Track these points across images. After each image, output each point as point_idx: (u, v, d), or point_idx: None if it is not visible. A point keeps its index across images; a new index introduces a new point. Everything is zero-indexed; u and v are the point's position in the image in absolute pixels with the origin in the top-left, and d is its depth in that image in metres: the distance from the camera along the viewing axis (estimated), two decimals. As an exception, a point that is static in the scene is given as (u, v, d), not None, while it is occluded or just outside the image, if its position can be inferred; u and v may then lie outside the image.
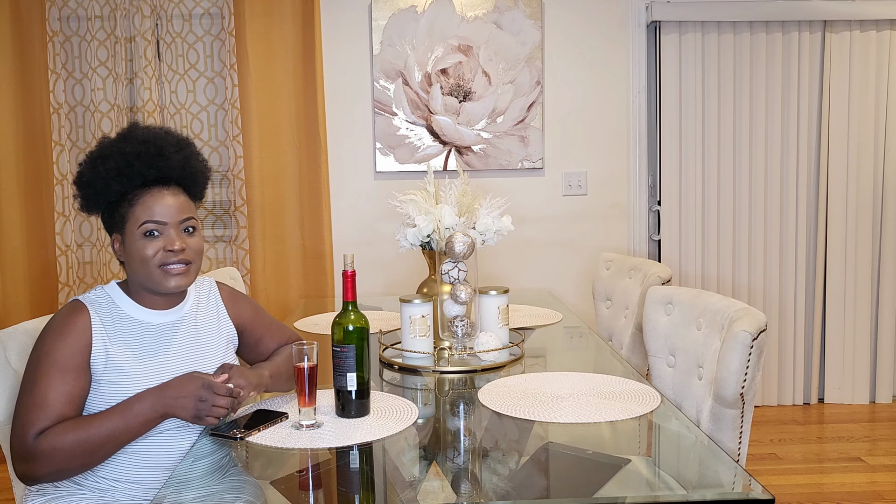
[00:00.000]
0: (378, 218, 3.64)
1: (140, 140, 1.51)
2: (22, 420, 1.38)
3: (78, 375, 1.42)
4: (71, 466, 1.38)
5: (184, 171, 1.54)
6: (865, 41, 3.64)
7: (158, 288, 1.50)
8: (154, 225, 1.47)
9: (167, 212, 1.48)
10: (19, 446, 1.37)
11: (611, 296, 2.77)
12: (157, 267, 1.47)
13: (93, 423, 1.39)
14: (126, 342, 1.49)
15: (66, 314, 1.47)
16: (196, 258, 1.52)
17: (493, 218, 2.05)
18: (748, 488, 1.18)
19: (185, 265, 1.49)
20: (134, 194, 1.49)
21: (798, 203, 3.70)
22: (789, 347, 3.77)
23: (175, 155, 1.52)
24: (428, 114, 3.59)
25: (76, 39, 3.49)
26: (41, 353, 1.43)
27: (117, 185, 1.48)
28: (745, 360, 1.59)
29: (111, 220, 1.52)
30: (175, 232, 1.49)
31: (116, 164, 1.48)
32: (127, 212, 1.48)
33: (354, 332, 1.51)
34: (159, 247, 1.47)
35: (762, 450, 3.24)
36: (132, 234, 1.48)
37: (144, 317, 1.53)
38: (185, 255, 1.49)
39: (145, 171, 1.48)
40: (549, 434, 1.44)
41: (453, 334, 1.94)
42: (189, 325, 1.58)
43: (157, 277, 1.48)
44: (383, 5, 3.54)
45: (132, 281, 1.53)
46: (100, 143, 1.54)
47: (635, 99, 3.68)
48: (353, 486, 1.28)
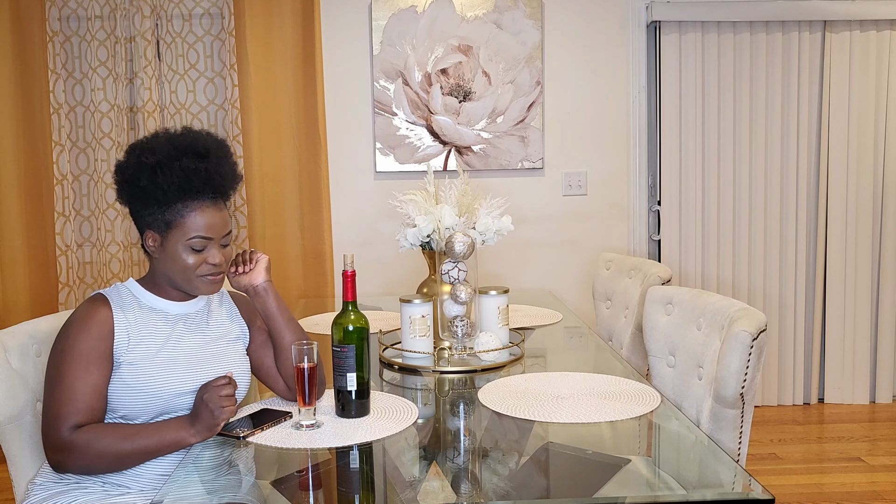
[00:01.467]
0: (378, 218, 3.64)
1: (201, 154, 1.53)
2: (54, 413, 1.43)
3: (102, 365, 1.46)
4: (99, 465, 1.44)
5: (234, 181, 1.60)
6: (865, 41, 3.64)
7: (193, 292, 1.57)
8: (202, 241, 1.52)
9: (216, 228, 1.53)
10: (53, 438, 1.42)
11: (611, 296, 2.77)
12: (196, 276, 1.53)
13: (128, 436, 1.44)
14: (148, 329, 1.53)
15: (88, 306, 1.50)
16: (227, 266, 1.60)
17: (493, 218, 2.05)
18: (748, 488, 1.18)
19: (220, 275, 1.56)
20: (184, 204, 1.51)
21: (798, 203, 3.70)
22: (789, 347, 3.77)
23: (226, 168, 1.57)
24: (428, 114, 3.59)
25: (76, 39, 3.49)
26: (66, 345, 1.46)
27: (176, 198, 1.50)
28: (745, 360, 1.59)
29: (151, 219, 1.53)
30: (217, 247, 1.55)
31: (178, 178, 1.49)
32: (175, 220, 1.51)
33: (354, 332, 1.51)
34: (202, 260, 1.53)
35: (762, 450, 3.24)
36: (177, 242, 1.51)
37: (165, 307, 1.58)
38: (221, 267, 1.56)
39: (203, 189, 1.52)
40: (549, 434, 1.44)
41: (453, 334, 1.94)
42: (205, 316, 1.63)
43: (193, 282, 1.54)
44: (383, 5, 3.54)
45: (159, 276, 1.57)
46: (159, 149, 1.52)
47: (635, 99, 3.68)
48: (353, 486, 1.28)
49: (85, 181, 3.53)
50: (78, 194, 3.53)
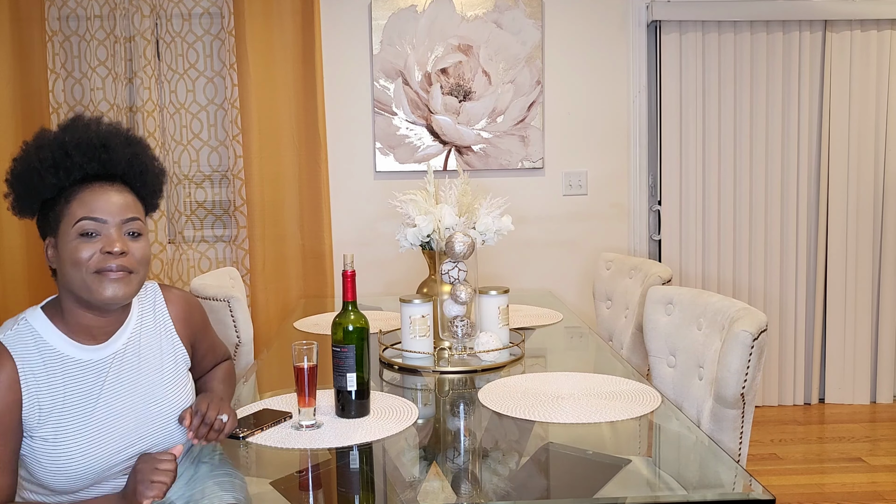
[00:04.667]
0: (378, 218, 3.64)
1: (82, 130, 1.31)
2: None
3: (8, 437, 1.21)
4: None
5: (131, 167, 1.33)
6: (866, 41, 3.64)
7: (92, 297, 1.26)
8: (92, 223, 1.25)
9: (108, 208, 1.27)
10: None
11: (611, 296, 2.76)
12: (91, 272, 1.24)
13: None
14: (57, 387, 1.26)
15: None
16: (139, 267, 1.30)
17: (493, 218, 2.05)
18: (749, 488, 1.18)
19: (125, 273, 1.27)
20: (72, 190, 1.28)
21: (798, 203, 3.70)
22: (790, 347, 3.76)
23: (122, 149, 1.32)
24: (428, 113, 3.59)
25: (75, 39, 3.49)
26: None
27: (53, 178, 1.27)
28: (746, 361, 1.59)
29: (45, 223, 1.31)
30: (116, 232, 1.27)
31: (52, 154, 1.27)
32: (62, 210, 1.27)
33: (354, 332, 1.51)
34: (96, 248, 1.25)
35: (763, 450, 3.24)
36: (66, 235, 1.26)
37: (76, 353, 1.29)
38: (126, 261, 1.26)
39: (85, 164, 1.28)
40: (550, 434, 1.43)
41: (453, 334, 1.94)
42: (131, 356, 1.36)
43: (92, 284, 1.24)
44: (383, 5, 3.54)
45: (64, 296, 1.30)
46: (37, 134, 1.32)
47: (635, 98, 3.68)
48: (353, 486, 1.28)
49: (84, 181, 3.53)
50: (77, 194, 3.52)
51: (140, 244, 1.30)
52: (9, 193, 1.31)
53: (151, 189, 1.39)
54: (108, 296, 1.25)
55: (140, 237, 1.31)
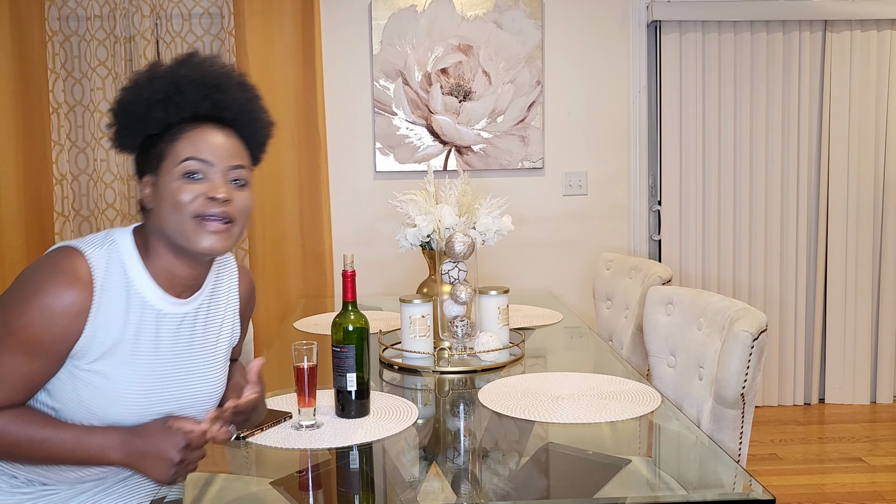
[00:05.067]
0: (378, 218, 3.64)
1: (197, 66, 1.24)
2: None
3: (49, 362, 1.15)
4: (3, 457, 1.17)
5: (242, 112, 1.27)
6: (866, 41, 3.64)
7: (188, 245, 1.19)
8: (198, 164, 1.18)
9: (216, 151, 1.20)
10: None
11: (611, 296, 2.76)
12: (191, 217, 1.17)
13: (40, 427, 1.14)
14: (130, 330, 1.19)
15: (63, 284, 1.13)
16: (241, 218, 1.22)
17: (493, 218, 2.05)
18: (749, 489, 1.18)
19: (226, 223, 1.20)
20: (179, 128, 1.21)
21: (799, 203, 3.70)
22: (790, 347, 3.76)
23: (236, 92, 1.26)
24: (428, 113, 3.59)
25: (75, 39, 3.49)
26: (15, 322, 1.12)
27: (161, 112, 1.20)
28: (746, 361, 1.59)
29: (145, 160, 1.24)
30: (221, 177, 1.20)
31: (164, 86, 1.20)
32: (167, 147, 1.20)
33: (354, 332, 1.51)
34: (199, 192, 1.18)
35: (763, 450, 3.23)
36: (168, 174, 1.18)
37: (158, 302, 1.22)
38: (229, 210, 1.19)
39: (198, 101, 1.21)
40: (550, 434, 1.43)
41: (453, 334, 1.94)
42: (201, 319, 1.30)
43: (189, 230, 1.18)
44: (383, 5, 3.54)
45: (154, 237, 1.23)
46: (150, 65, 1.26)
47: (636, 98, 3.68)
48: (353, 486, 1.28)
49: (84, 181, 3.53)
50: (77, 194, 3.53)
51: (244, 194, 1.24)
52: (112, 125, 1.26)
53: (259, 140, 1.32)
54: (205, 246, 1.18)
55: (245, 187, 1.24)
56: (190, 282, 1.26)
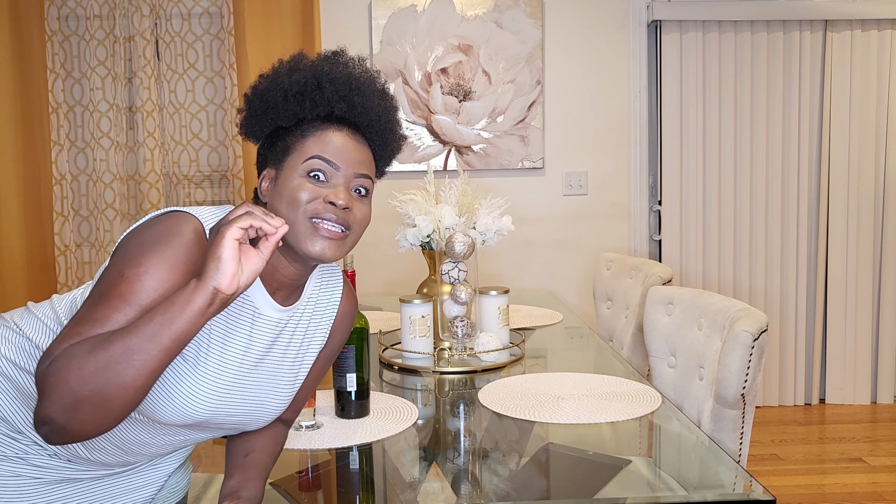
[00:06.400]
0: (378, 218, 3.62)
1: (342, 66, 1.19)
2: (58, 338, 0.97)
3: None
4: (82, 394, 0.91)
5: (378, 121, 1.21)
6: (866, 41, 3.63)
7: (298, 245, 1.10)
8: (323, 164, 1.12)
9: (345, 155, 1.14)
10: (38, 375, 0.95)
11: (611, 296, 2.76)
12: (307, 217, 1.10)
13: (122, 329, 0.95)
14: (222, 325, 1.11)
15: (194, 245, 1.05)
16: (357, 229, 1.15)
17: (493, 218, 2.05)
18: (749, 489, 1.18)
19: (342, 230, 1.11)
20: (311, 124, 1.15)
21: (799, 203, 3.69)
22: (790, 348, 3.76)
23: (375, 99, 1.20)
24: (428, 113, 3.59)
25: (75, 39, 3.49)
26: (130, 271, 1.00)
27: (296, 106, 1.15)
28: (746, 361, 1.59)
29: (269, 151, 1.18)
30: (345, 183, 1.13)
31: (304, 80, 1.16)
32: (295, 142, 1.14)
33: (354, 332, 1.51)
34: (320, 194, 1.11)
35: (763, 450, 3.23)
36: (291, 170, 1.12)
37: (261, 304, 1.15)
38: (347, 218, 1.11)
39: (335, 102, 1.15)
40: (550, 435, 1.43)
41: (453, 335, 1.94)
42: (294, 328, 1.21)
43: (302, 231, 1.10)
44: (383, 4, 3.54)
45: None
46: (294, 56, 1.23)
47: (636, 98, 3.67)
48: (353, 486, 1.28)
49: (84, 181, 3.53)
50: (77, 194, 3.52)
51: (364, 205, 1.16)
52: (243, 110, 1.21)
53: (388, 152, 1.27)
54: (316, 251, 1.10)
55: (366, 197, 1.17)
56: (289, 282, 1.17)
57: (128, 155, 3.51)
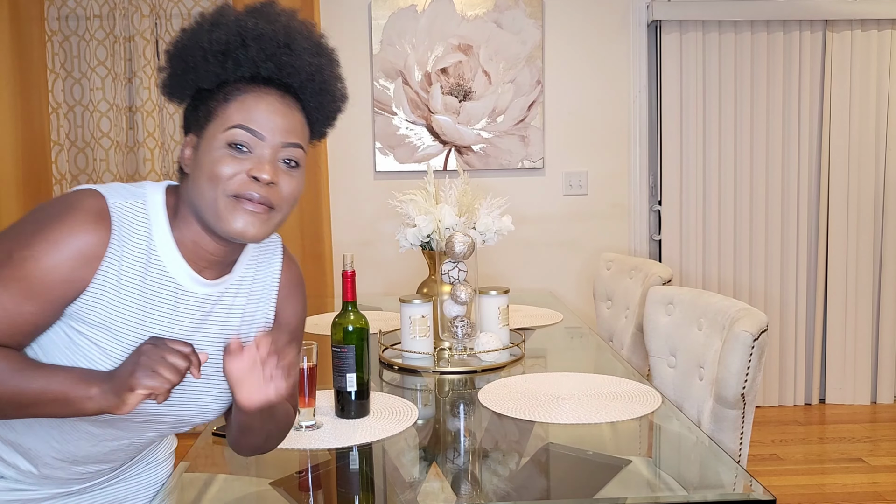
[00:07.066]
0: (378, 218, 3.63)
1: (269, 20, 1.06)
2: None
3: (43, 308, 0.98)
4: None
5: (311, 81, 1.08)
6: (867, 41, 3.63)
7: (218, 225, 1.02)
8: (246, 135, 1.01)
9: (270, 123, 1.02)
10: None
11: (611, 296, 2.76)
12: (227, 195, 1.01)
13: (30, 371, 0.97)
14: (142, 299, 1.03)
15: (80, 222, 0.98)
16: (285, 206, 1.05)
17: (493, 218, 2.05)
18: (749, 489, 1.18)
19: (265, 208, 1.03)
20: (235, 87, 1.04)
21: (799, 203, 3.69)
22: (790, 348, 3.76)
23: (308, 56, 1.07)
24: (428, 113, 3.59)
25: (75, 39, 3.49)
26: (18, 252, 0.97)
27: (217, 66, 1.04)
28: (746, 361, 1.59)
29: (192, 115, 1.07)
30: (271, 155, 1.03)
31: (226, 37, 1.04)
32: (217, 107, 1.03)
33: (354, 332, 1.51)
34: (242, 168, 1.01)
35: (763, 450, 3.23)
36: (212, 140, 1.02)
37: (182, 278, 1.06)
38: (271, 195, 1.02)
39: (260, 61, 1.04)
40: (550, 435, 1.43)
41: (453, 335, 1.94)
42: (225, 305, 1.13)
43: (223, 209, 1.01)
44: (383, 4, 3.54)
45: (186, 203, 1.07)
46: (218, 9, 1.10)
47: (636, 98, 3.67)
48: (353, 486, 1.28)
49: (83, 181, 3.53)
50: (77, 194, 3.52)
51: (293, 178, 1.06)
52: (164, 68, 1.10)
53: (327, 114, 1.13)
54: (236, 229, 1.01)
55: (296, 169, 1.07)
56: (216, 259, 1.09)
57: (128, 155, 3.51)
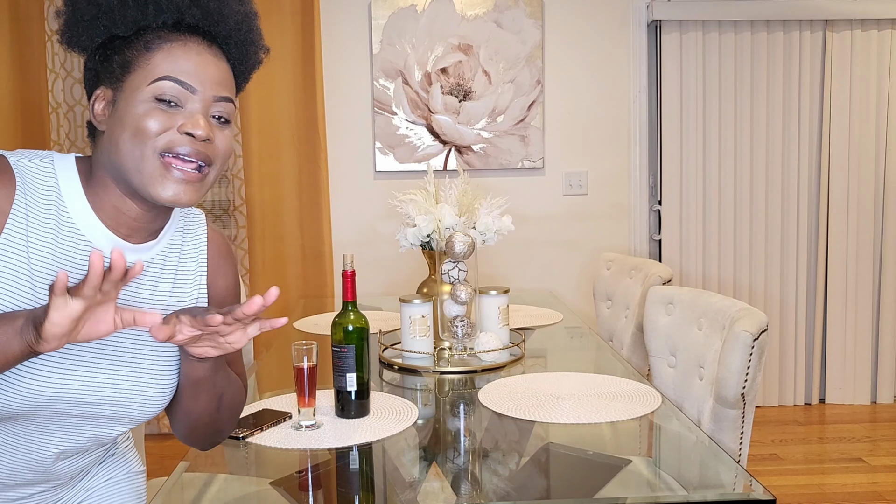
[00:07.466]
0: (378, 218, 3.63)
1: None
2: None
3: None
4: None
5: (239, 30, 1.01)
6: (867, 40, 3.63)
7: (145, 188, 0.93)
8: (176, 87, 0.92)
9: (203, 75, 0.94)
10: None
11: (611, 296, 2.76)
12: (156, 154, 0.92)
13: None
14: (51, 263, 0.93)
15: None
16: (219, 163, 0.97)
17: (493, 218, 2.05)
18: (749, 489, 1.18)
19: (199, 168, 0.94)
20: (156, 36, 0.94)
21: (799, 202, 3.69)
22: (790, 347, 3.76)
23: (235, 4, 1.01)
24: (428, 113, 3.59)
25: (75, 39, 3.48)
26: None
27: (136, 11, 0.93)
28: (746, 361, 1.59)
29: (103, 66, 0.96)
30: (203, 109, 0.94)
31: None
32: (137, 57, 0.93)
33: (354, 332, 1.51)
34: (172, 124, 0.92)
35: (763, 450, 3.23)
36: (135, 92, 0.92)
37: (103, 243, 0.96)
38: (208, 150, 0.94)
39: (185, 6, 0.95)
40: (550, 434, 1.43)
41: (453, 334, 1.94)
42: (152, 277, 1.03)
43: (152, 172, 0.92)
44: (383, 4, 3.54)
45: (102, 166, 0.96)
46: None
47: (636, 98, 3.67)
48: (353, 486, 1.28)
49: (84, 181, 3.53)
50: (77, 194, 3.52)
51: (225, 134, 0.98)
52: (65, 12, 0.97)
53: (247, 67, 1.06)
54: (167, 196, 0.93)
55: (227, 125, 0.99)
56: (139, 226, 0.99)
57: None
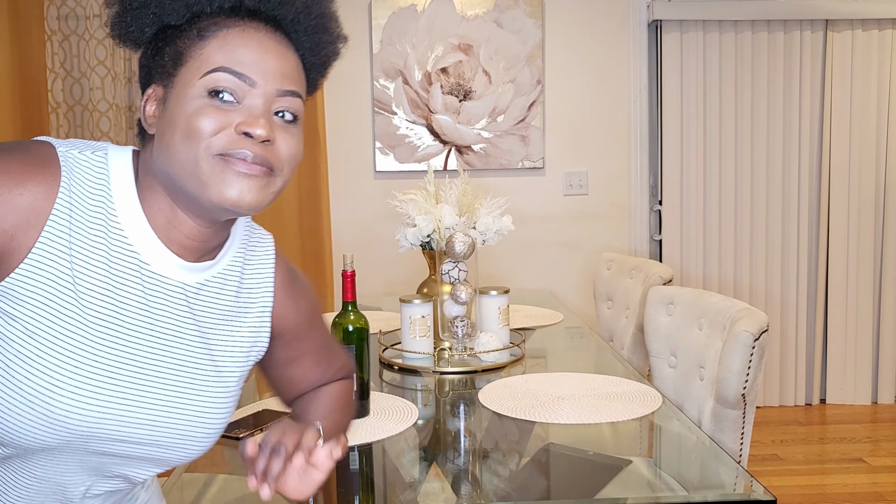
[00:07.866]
0: (378, 218, 3.63)
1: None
2: None
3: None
4: None
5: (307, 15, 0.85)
6: (867, 40, 3.63)
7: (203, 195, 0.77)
8: (232, 79, 0.78)
9: (263, 65, 0.79)
10: None
11: (612, 296, 2.76)
12: (212, 154, 0.77)
13: None
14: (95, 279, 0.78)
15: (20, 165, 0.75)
16: (285, 168, 0.81)
17: (493, 218, 2.04)
18: (750, 489, 1.17)
19: (264, 169, 0.78)
20: (211, 22, 0.80)
21: (800, 203, 3.69)
22: (791, 348, 3.76)
23: None
24: (428, 113, 3.58)
25: (75, 38, 3.48)
26: None
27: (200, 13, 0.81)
28: (747, 361, 1.58)
29: (155, 61, 0.82)
30: (265, 105, 0.79)
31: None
32: (190, 47, 0.79)
33: (354, 332, 1.50)
34: (228, 122, 0.77)
35: (764, 451, 3.23)
36: (186, 87, 0.78)
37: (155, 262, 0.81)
38: (270, 155, 0.79)
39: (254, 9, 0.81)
40: (550, 435, 1.43)
41: (453, 335, 1.93)
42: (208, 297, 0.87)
43: (209, 174, 0.76)
44: (383, 4, 3.53)
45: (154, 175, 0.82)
46: None
47: (636, 98, 3.67)
48: (353, 486, 1.27)
49: (84, 181, 3.53)
50: (77, 194, 3.52)
51: (292, 135, 0.82)
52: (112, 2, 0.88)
53: (322, 59, 0.89)
54: (230, 197, 0.77)
55: (294, 124, 0.82)
56: (194, 244, 0.84)
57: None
